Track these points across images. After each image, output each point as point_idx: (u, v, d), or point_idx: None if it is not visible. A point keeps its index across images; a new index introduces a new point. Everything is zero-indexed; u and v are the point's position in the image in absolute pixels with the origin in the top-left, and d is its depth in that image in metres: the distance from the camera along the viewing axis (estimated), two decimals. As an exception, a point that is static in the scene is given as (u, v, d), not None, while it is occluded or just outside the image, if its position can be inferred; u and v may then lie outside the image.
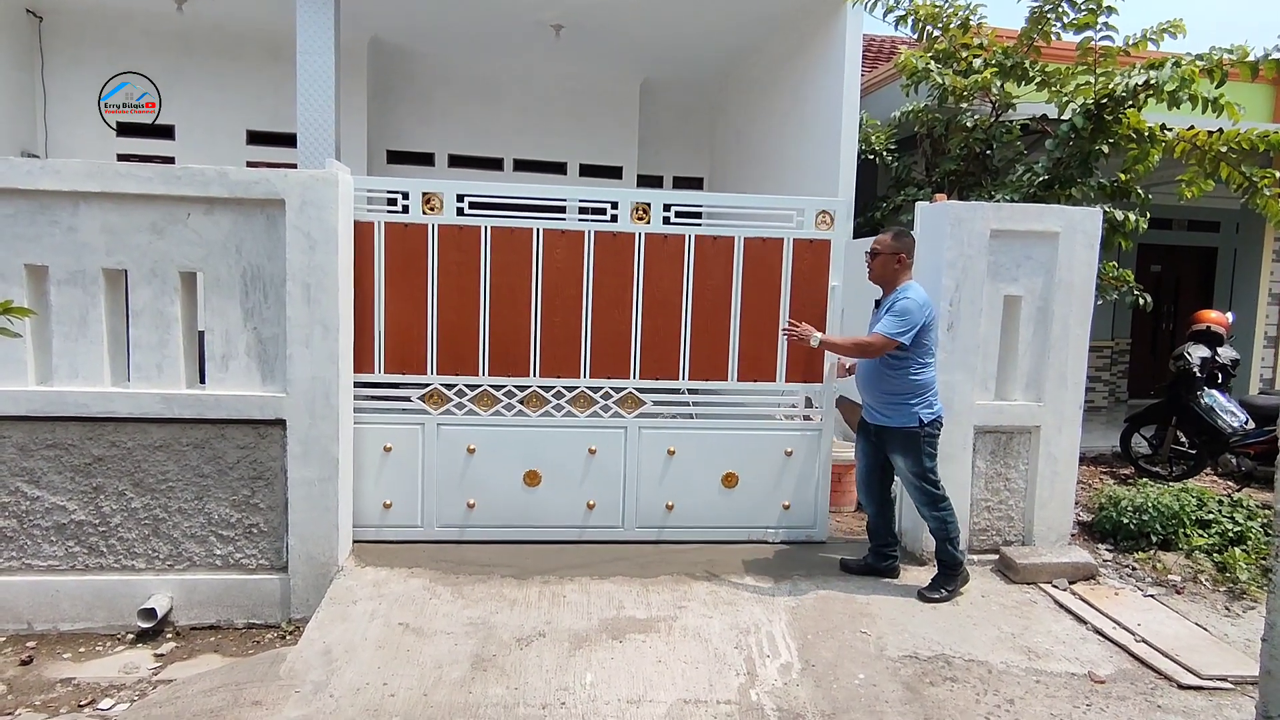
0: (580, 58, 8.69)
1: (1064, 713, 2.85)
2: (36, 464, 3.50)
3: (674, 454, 4.16)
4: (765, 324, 4.18)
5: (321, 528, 3.63)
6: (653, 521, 4.18)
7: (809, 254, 4.18)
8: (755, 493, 4.23)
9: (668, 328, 4.12)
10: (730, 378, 4.18)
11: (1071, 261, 4.08)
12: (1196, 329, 5.92)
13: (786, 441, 4.24)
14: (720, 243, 4.13)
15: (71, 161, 3.42)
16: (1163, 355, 9.10)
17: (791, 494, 4.26)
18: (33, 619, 3.51)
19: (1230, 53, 5.07)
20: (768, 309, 4.17)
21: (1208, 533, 4.33)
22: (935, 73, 5.88)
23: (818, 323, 4.15)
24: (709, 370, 4.16)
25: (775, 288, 4.17)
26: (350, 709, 2.69)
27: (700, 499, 4.20)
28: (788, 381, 4.23)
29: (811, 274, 4.19)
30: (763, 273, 4.16)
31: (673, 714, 2.72)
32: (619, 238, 4.05)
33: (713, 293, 4.13)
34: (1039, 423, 4.13)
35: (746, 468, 4.21)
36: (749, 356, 4.18)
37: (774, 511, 4.26)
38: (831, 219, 4.20)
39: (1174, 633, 3.48)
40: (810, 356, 4.21)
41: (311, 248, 3.53)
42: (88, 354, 3.50)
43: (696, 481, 4.19)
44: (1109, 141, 5.45)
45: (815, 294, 4.20)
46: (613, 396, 4.11)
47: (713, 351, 4.15)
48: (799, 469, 4.25)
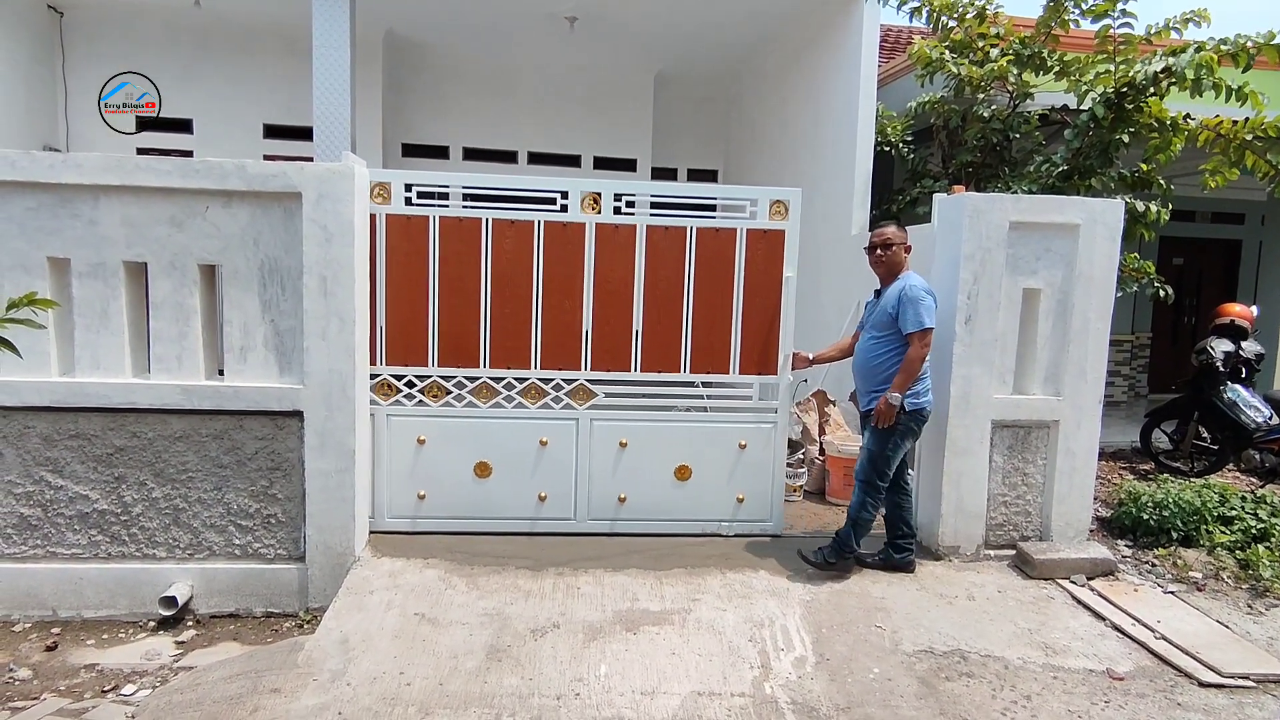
0: (594, 50, 8.67)
1: (1082, 709, 2.83)
2: (60, 454, 3.55)
3: (626, 446, 4.13)
4: (718, 315, 4.13)
5: (338, 518, 3.66)
6: (605, 514, 4.16)
7: (763, 244, 4.13)
8: (708, 485, 4.19)
9: (619, 319, 4.08)
10: (683, 369, 4.14)
11: (1092, 254, 4.03)
12: (1220, 323, 5.82)
13: (740, 434, 4.19)
14: (672, 233, 4.08)
15: (92, 155, 3.46)
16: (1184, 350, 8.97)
17: (746, 487, 4.22)
18: (57, 606, 3.58)
19: (1257, 38, 4.96)
20: (721, 300, 4.13)
21: (1230, 529, 4.26)
22: (951, 63, 5.81)
23: (771, 313, 4.14)
24: (661, 362, 4.12)
25: (729, 278, 4.12)
26: (367, 697, 2.71)
27: (653, 491, 4.17)
28: (741, 373, 4.18)
29: (766, 264, 4.14)
30: (716, 263, 4.11)
31: (687, 706, 2.72)
32: (569, 228, 4.01)
33: (665, 283, 4.09)
34: (1058, 417, 4.08)
35: (699, 460, 4.17)
36: (702, 348, 4.13)
37: (728, 504, 4.22)
38: (786, 209, 4.14)
39: (1194, 630, 3.44)
40: (764, 347, 4.16)
41: (328, 240, 3.55)
42: (109, 346, 3.54)
43: (649, 474, 4.16)
44: (1129, 131, 5.36)
45: (769, 285, 4.15)
46: (564, 388, 4.08)
47: (665, 343, 4.11)
48: (753, 461, 4.20)
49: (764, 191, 4.15)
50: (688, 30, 7.97)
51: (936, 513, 4.08)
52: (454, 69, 9.04)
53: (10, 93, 7.39)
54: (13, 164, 3.39)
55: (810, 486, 5.19)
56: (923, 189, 6.51)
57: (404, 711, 2.64)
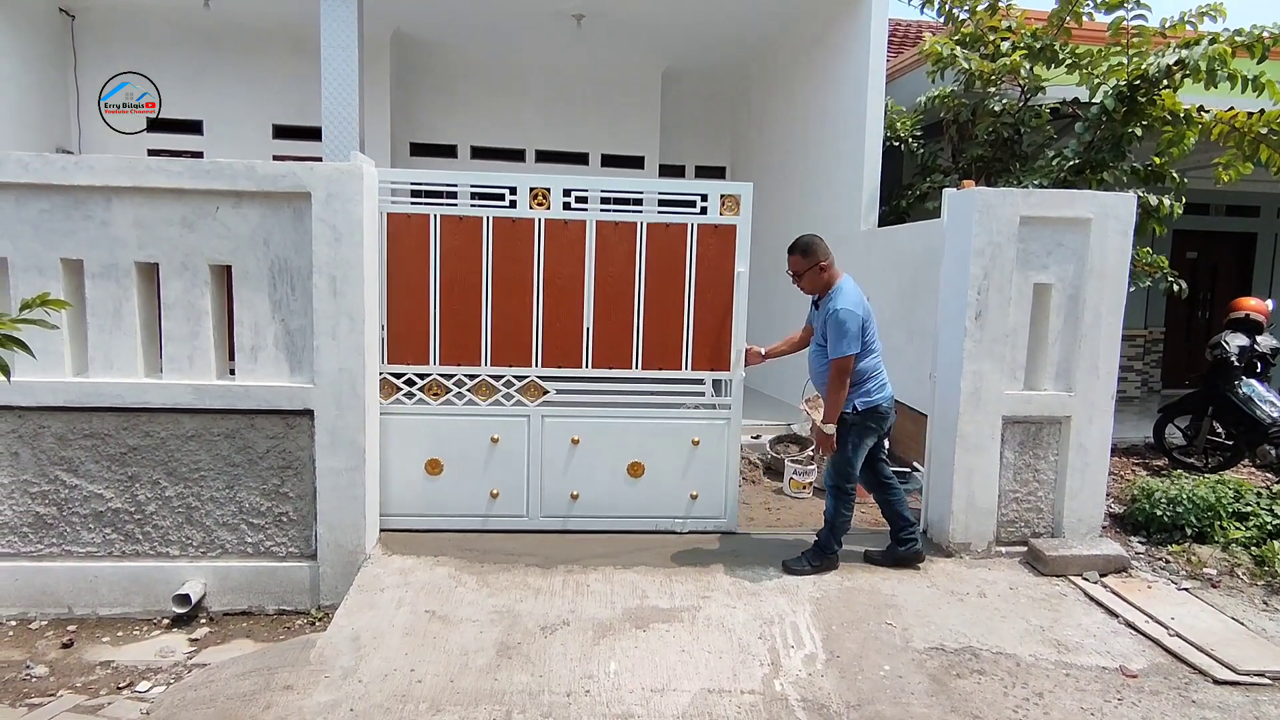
0: (601, 48, 8.66)
1: (1095, 707, 2.81)
2: (74, 453, 3.59)
3: (578, 443, 4.11)
4: (670, 311, 4.11)
5: (349, 516, 3.68)
6: (558, 511, 4.15)
7: (714, 239, 4.09)
8: (662, 482, 4.18)
9: (570, 315, 4.06)
10: (635, 365, 4.11)
11: (1104, 248, 3.99)
12: (1235, 317, 5.76)
13: (693, 430, 4.17)
14: (622, 228, 4.05)
15: (104, 157, 3.49)
16: (1198, 344, 8.88)
17: (700, 484, 4.19)
18: (73, 603, 3.62)
19: (1273, 28, 4.89)
20: (672, 296, 4.10)
21: (1245, 525, 4.23)
22: (961, 58, 5.77)
23: (723, 309, 4.11)
24: (613, 358, 4.10)
25: (680, 274, 4.09)
26: (379, 694, 2.73)
27: (606, 488, 4.15)
28: (694, 369, 4.15)
29: (717, 260, 4.11)
30: (667, 259, 4.08)
31: (696, 703, 2.72)
32: (518, 224, 3.99)
33: (615, 279, 4.07)
34: (1069, 413, 4.05)
35: (652, 457, 4.16)
36: (654, 344, 4.11)
37: (682, 501, 4.20)
38: (737, 204, 4.09)
39: (1209, 627, 3.41)
40: (717, 343, 4.14)
41: (337, 240, 3.56)
42: (122, 346, 3.57)
43: (602, 471, 4.14)
44: (1142, 124, 5.31)
45: (721, 280, 4.12)
46: (515, 385, 4.07)
47: (616, 339, 4.09)
48: (707, 458, 4.18)
49: (715, 186, 4.11)
50: (695, 26, 7.95)
51: (947, 509, 4.06)
52: (461, 68, 9.05)
53: (23, 95, 7.45)
54: (26, 166, 3.42)
55: (819, 484, 5.17)
56: (932, 184, 6.48)
57: (415, 708, 2.66)
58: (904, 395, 5.63)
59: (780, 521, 4.57)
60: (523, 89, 9.21)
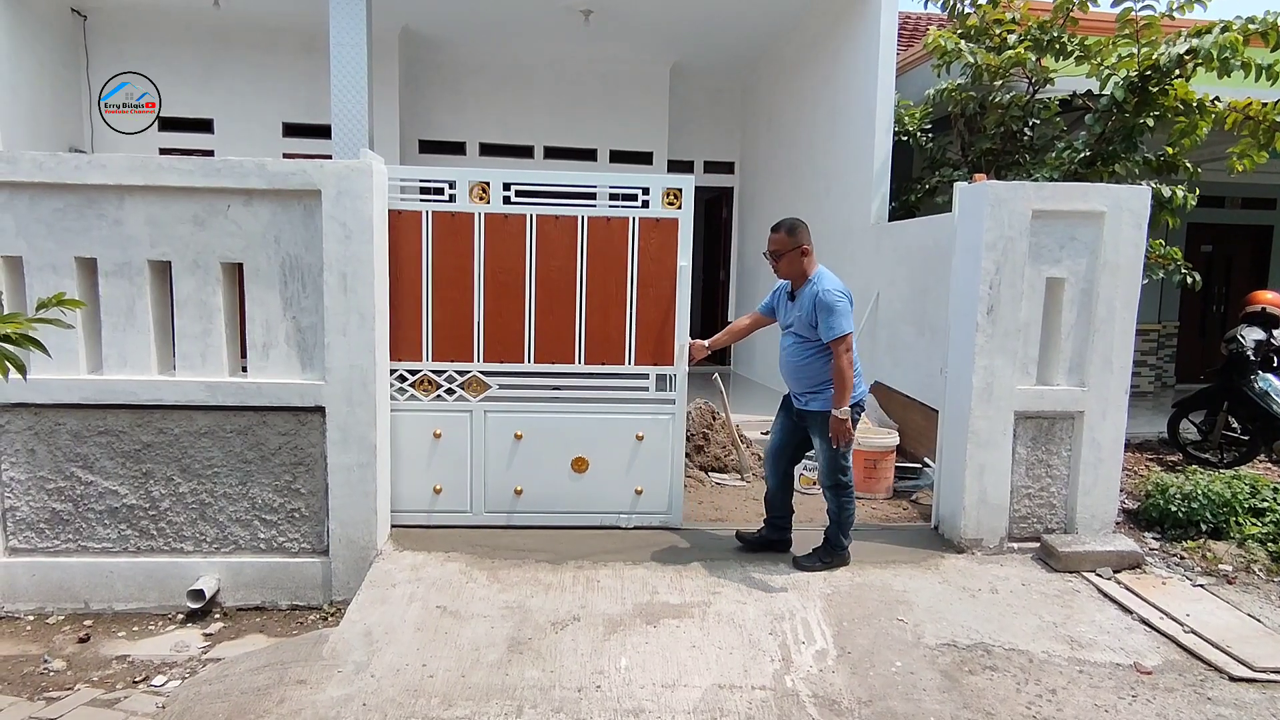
0: (609, 43, 8.64)
1: (1109, 703, 2.79)
2: (89, 450, 3.62)
3: (521, 438, 4.09)
4: (613, 306, 4.08)
5: (361, 512, 3.70)
6: (501, 507, 4.12)
7: (656, 233, 4.05)
8: (606, 477, 4.14)
9: (511, 310, 4.03)
10: (578, 360, 4.09)
11: (1117, 242, 3.95)
12: (1251, 310, 5.69)
13: (637, 425, 4.13)
14: (563, 222, 4.02)
15: (117, 156, 3.51)
16: (1213, 339, 8.80)
17: (644, 479, 4.16)
18: (89, 599, 3.65)
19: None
20: (615, 290, 4.07)
21: (1261, 521, 4.18)
22: (966, 52, 5.72)
23: (666, 304, 4.07)
24: (555, 353, 4.08)
25: (622, 268, 4.06)
26: (391, 689, 2.74)
27: (550, 484, 4.12)
28: (637, 364, 4.11)
29: (659, 254, 4.07)
30: (609, 253, 4.05)
31: (707, 699, 2.72)
32: (457, 218, 3.96)
33: (557, 274, 4.04)
34: (1082, 408, 4.02)
35: (596, 452, 4.13)
36: (597, 338, 4.08)
37: (626, 496, 4.17)
38: (679, 198, 4.05)
39: (1225, 623, 3.38)
40: (660, 338, 4.10)
41: (347, 237, 3.58)
42: (135, 343, 3.60)
43: (545, 466, 4.11)
44: (1154, 115, 5.25)
45: (663, 274, 4.08)
46: (457, 380, 4.04)
47: (559, 334, 4.07)
48: (652, 453, 4.15)
49: (656, 179, 4.08)
50: (703, 21, 7.92)
51: (959, 505, 4.04)
52: (470, 65, 9.06)
53: (36, 95, 7.52)
54: (40, 165, 3.45)
55: (830, 479, 5.16)
56: (941, 177, 6.44)
57: (427, 703, 2.67)
58: (915, 390, 5.61)
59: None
60: (531, 85, 9.21)
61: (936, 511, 4.32)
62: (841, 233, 7.07)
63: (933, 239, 5.23)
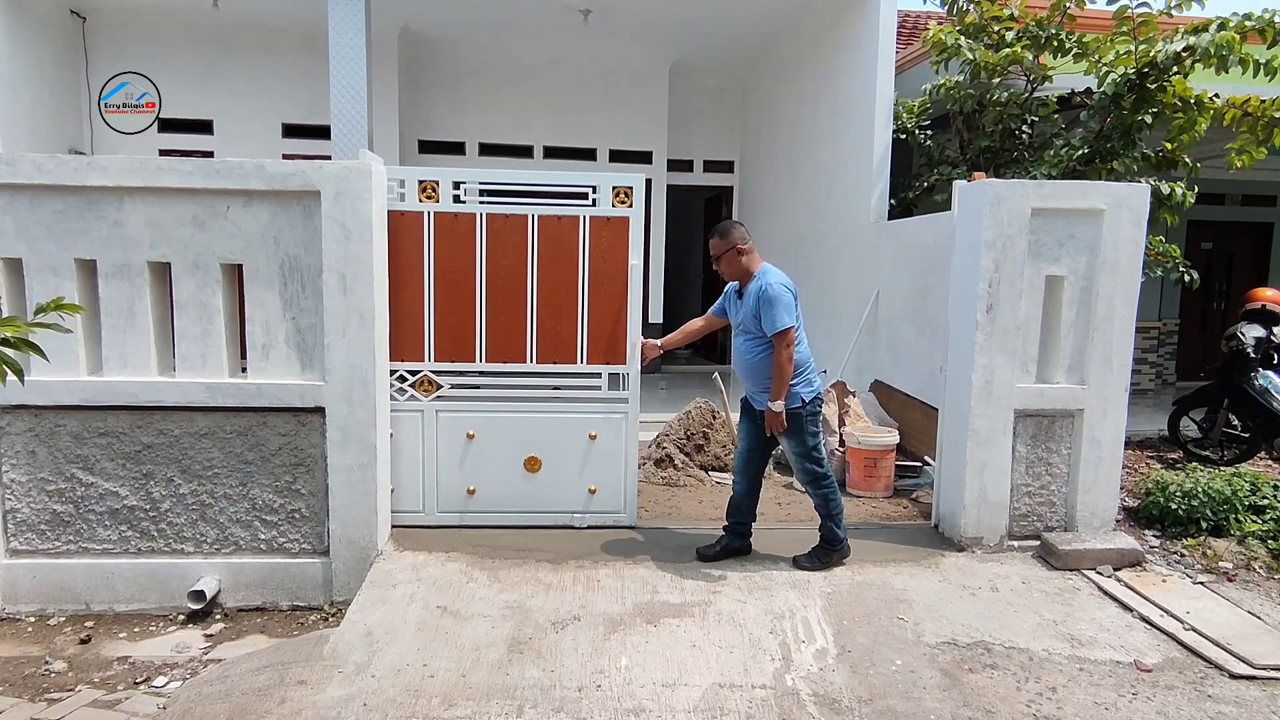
0: (608, 42, 8.64)
1: (1109, 701, 2.79)
2: (90, 451, 3.62)
3: (474, 438, 4.07)
4: (564, 304, 4.06)
5: (361, 512, 3.70)
6: (454, 506, 4.11)
7: (607, 231, 4.04)
8: (559, 477, 4.12)
9: (462, 309, 4.01)
10: (529, 359, 4.07)
11: (1117, 240, 3.95)
12: (1251, 308, 5.69)
13: (590, 424, 4.12)
14: (513, 221, 4.00)
15: (116, 158, 3.51)
16: (1213, 336, 8.79)
17: (598, 478, 4.14)
18: (90, 600, 3.66)
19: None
20: (566, 289, 4.06)
21: (1262, 518, 4.18)
22: (966, 48, 5.72)
23: (618, 302, 4.05)
24: (507, 352, 4.06)
25: (573, 267, 4.04)
26: (391, 689, 2.75)
27: (502, 483, 4.11)
28: (589, 363, 4.09)
29: (610, 252, 4.06)
30: (559, 251, 4.03)
31: (707, 698, 2.73)
32: (406, 216, 3.94)
33: (507, 273, 4.02)
34: (1082, 406, 4.02)
35: (549, 451, 4.11)
36: (548, 337, 4.07)
37: (580, 495, 4.15)
38: (629, 196, 4.03)
39: (1225, 621, 3.38)
40: (612, 337, 4.09)
41: (347, 238, 3.58)
42: (135, 345, 3.61)
43: (498, 465, 4.10)
44: (1151, 111, 5.24)
45: (615, 273, 4.06)
46: (408, 380, 4.03)
47: (510, 333, 4.05)
48: (605, 452, 4.13)
49: (606, 178, 4.06)
50: (702, 20, 7.92)
51: (959, 503, 4.04)
52: (469, 65, 9.06)
53: (36, 97, 7.52)
54: (40, 167, 3.45)
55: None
56: (940, 175, 6.43)
57: (427, 703, 2.67)
58: (915, 389, 5.61)
59: (790, 516, 4.55)
60: (530, 85, 9.21)
61: (937, 510, 4.33)
62: (841, 231, 7.07)
63: (933, 237, 5.22)
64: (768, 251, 4.68)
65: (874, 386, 6.21)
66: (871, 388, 6.22)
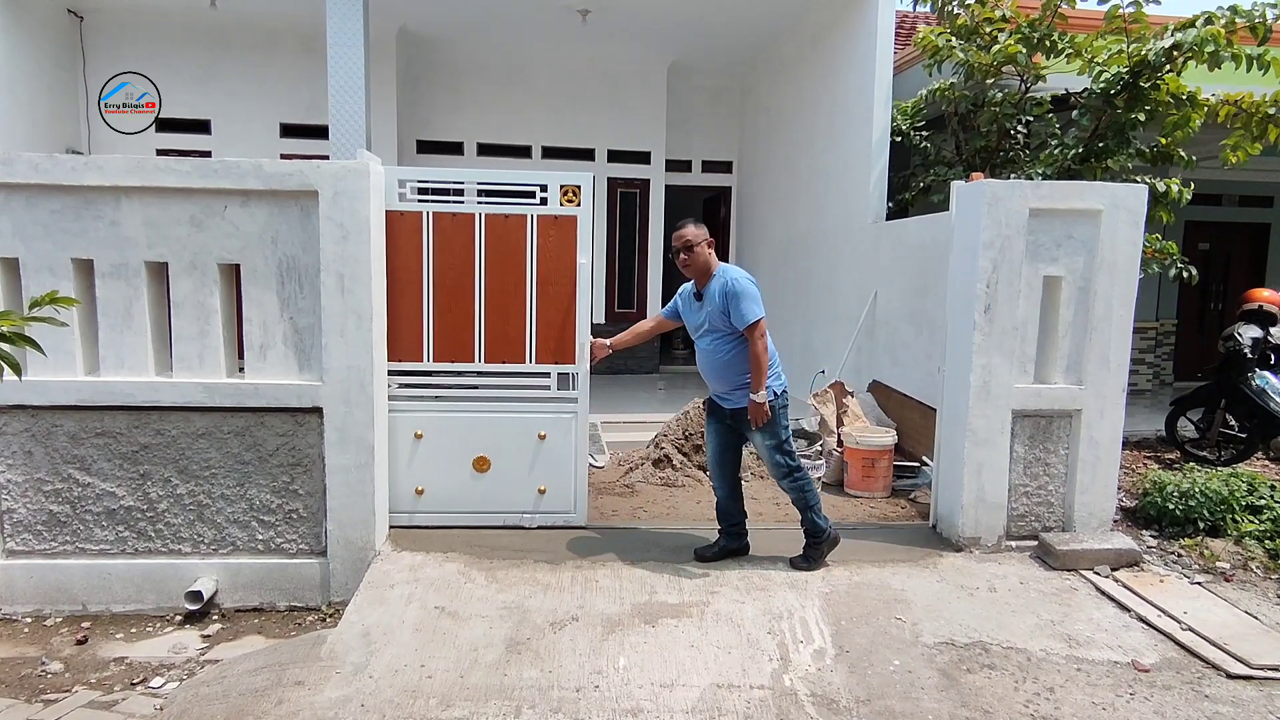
0: (607, 43, 8.65)
1: (1106, 701, 2.79)
2: (87, 451, 3.62)
3: (422, 438, 4.06)
4: (512, 303, 4.04)
5: (359, 513, 3.70)
6: (403, 506, 4.08)
7: (555, 230, 4.03)
8: (508, 477, 4.10)
9: (409, 308, 4.00)
10: (478, 359, 4.05)
11: (1114, 240, 3.96)
12: (1248, 308, 5.69)
13: (539, 424, 4.10)
14: (460, 219, 3.98)
15: (114, 158, 3.51)
16: (1210, 337, 8.80)
17: (547, 478, 4.13)
18: (87, 600, 3.65)
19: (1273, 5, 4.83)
20: (514, 288, 4.04)
21: (1259, 518, 4.18)
22: (958, 49, 5.72)
23: (566, 301, 4.05)
24: (454, 351, 4.04)
25: (521, 266, 4.03)
26: (389, 690, 2.74)
27: (451, 483, 4.09)
28: (538, 362, 4.08)
29: (558, 251, 4.04)
30: (507, 250, 4.02)
31: (706, 698, 2.72)
32: None
33: (455, 272, 4.00)
34: (1080, 406, 4.02)
35: (498, 451, 4.10)
36: (496, 336, 4.05)
37: (529, 495, 4.13)
38: (577, 195, 4.02)
39: (1222, 621, 3.38)
40: (560, 336, 4.08)
41: (344, 238, 3.57)
42: (133, 345, 3.60)
43: (446, 465, 4.07)
44: (1145, 109, 5.25)
45: (563, 272, 4.05)
46: None
47: (457, 332, 4.03)
48: (554, 452, 4.11)
49: (554, 177, 4.05)
50: (701, 20, 7.92)
51: (957, 503, 4.04)
52: (467, 65, 9.05)
53: (34, 97, 7.51)
54: (37, 167, 3.44)
55: (829, 479, 5.17)
56: (936, 176, 6.44)
57: (425, 703, 2.67)
58: (913, 389, 5.61)
59: (789, 517, 4.54)
60: (528, 85, 9.21)
61: (934, 510, 4.33)
62: (840, 231, 7.08)
63: (930, 237, 5.23)
64: (766, 251, 4.70)
65: (872, 386, 6.22)
66: (870, 388, 6.22)
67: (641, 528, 4.24)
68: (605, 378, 9.54)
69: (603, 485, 4.97)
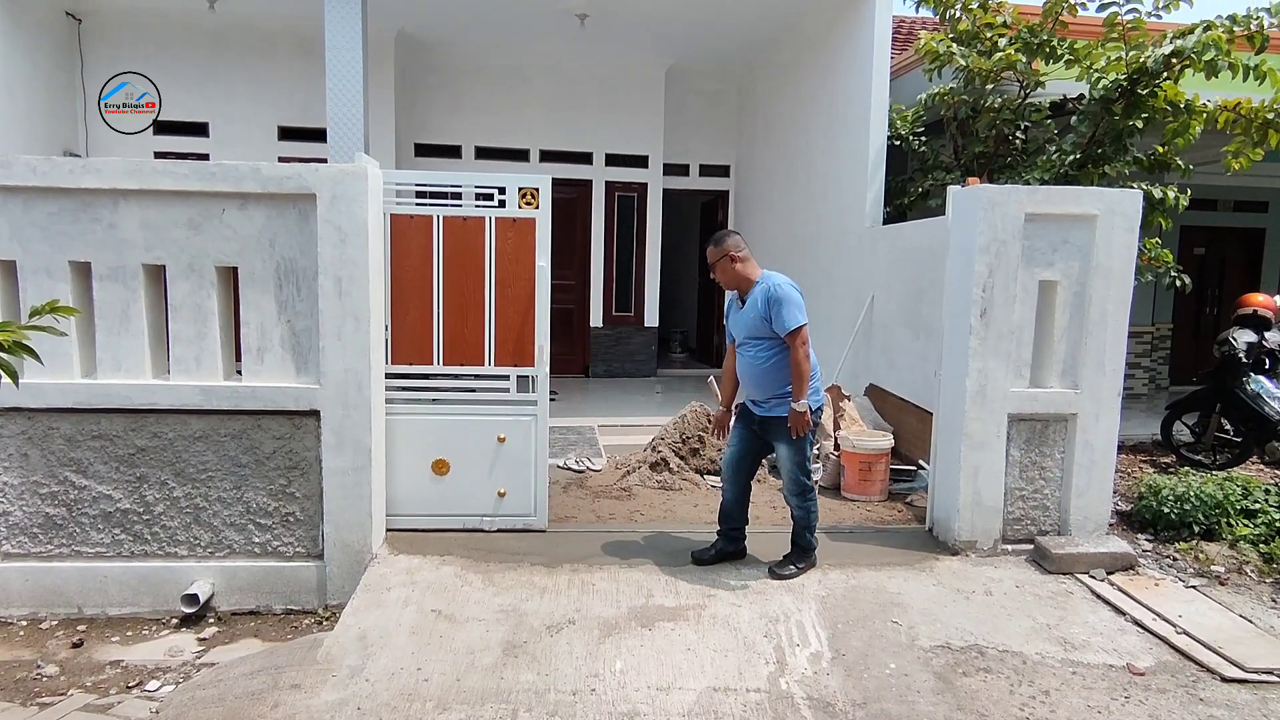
0: (605, 46, 8.66)
1: (1102, 705, 2.80)
2: (83, 454, 3.61)
3: None
4: (470, 306, 4.03)
5: (356, 516, 3.70)
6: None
7: (513, 233, 4.02)
8: (467, 480, 4.08)
9: None
10: (435, 361, 4.04)
11: (1110, 245, 3.97)
12: (1243, 313, 5.73)
13: (498, 427, 4.08)
14: (417, 221, 3.97)
15: (111, 160, 3.51)
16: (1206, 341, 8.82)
17: (507, 481, 4.11)
18: (83, 603, 3.64)
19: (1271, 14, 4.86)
20: (472, 290, 4.03)
21: (1253, 522, 4.20)
22: (958, 55, 5.75)
23: (525, 304, 4.04)
24: (412, 354, 4.03)
25: (479, 268, 4.02)
26: (385, 693, 2.74)
27: (410, 486, 4.07)
28: (497, 365, 4.06)
29: (517, 253, 4.03)
30: (465, 253, 4.01)
31: (702, 702, 2.73)
32: None
33: (412, 273, 3.99)
34: (1076, 410, 4.04)
35: (457, 454, 4.07)
36: (455, 339, 4.04)
37: (489, 499, 4.12)
38: (536, 197, 4.02)
39: (1217, 624, 3.39)
40: (520, 339, 4.06)
41: (342, 241, 3.58)
42: (130, 347, 3.60)
43: (405, 468, 4.05)
44: (1143, 116, 5.28)
45: (522, 274, 4.04)
46: None
47: (416, 335, 4.02)
48: (514, 455, 4.10)
49: (512, 179, 4.05)
50: (699, 24, 7.95)
51: (953, 507, 4.05)
52: (465, 68, 9.07)
53: (32, 99, 7.50)
54: (34, 169, 3.45)
55: (825, 482, 5.17)
56: (934, 180, 6.46)
57: (421, 707, 2.67)
58: (909, 393, 5.63)
59: (786, 520, 4.55)
60: (527, 88, 9.22)
61: (931, 514, 4.34)
62: (837, 235, 7.10)
63: (927, 241, 5.25)
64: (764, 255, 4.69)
65: (869, 390, 6.23)
66: (866, 391, 6.24)
67: (639, 530, 4.24)
68: (602, 381, 9.54)
69: (600, 488, 4.97)
